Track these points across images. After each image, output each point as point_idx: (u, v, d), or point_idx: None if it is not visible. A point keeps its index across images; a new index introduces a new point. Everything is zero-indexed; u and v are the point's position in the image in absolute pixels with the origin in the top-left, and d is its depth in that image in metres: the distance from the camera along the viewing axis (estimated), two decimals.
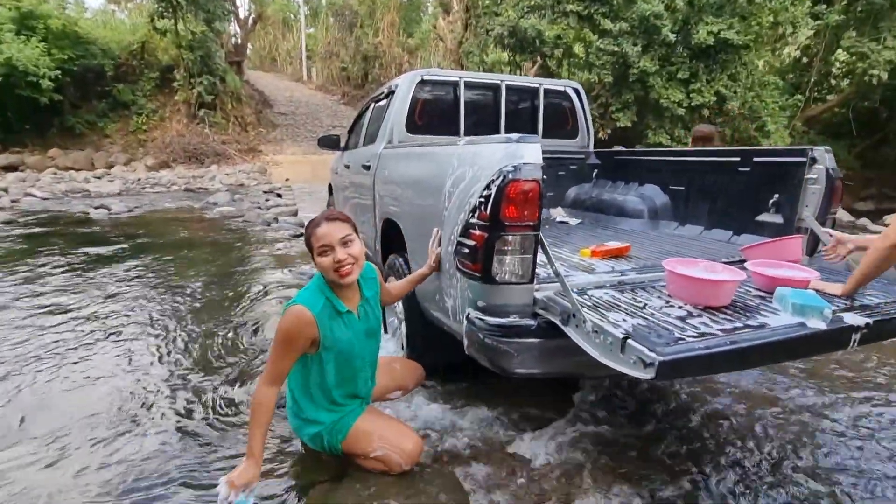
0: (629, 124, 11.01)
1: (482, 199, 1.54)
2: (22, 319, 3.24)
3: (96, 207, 8.13)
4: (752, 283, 1.67)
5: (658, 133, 11.01)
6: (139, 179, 12.01)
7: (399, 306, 2.50)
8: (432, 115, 3.15)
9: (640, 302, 1.52)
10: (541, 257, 1.58)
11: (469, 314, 1.65)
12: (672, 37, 10.02)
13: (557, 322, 1.48)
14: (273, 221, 7.15)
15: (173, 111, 15.20)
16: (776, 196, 2.24)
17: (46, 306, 3.51)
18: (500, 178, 1.49)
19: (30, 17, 12.59)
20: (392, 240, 2.61)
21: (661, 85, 10.51)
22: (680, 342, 1.19)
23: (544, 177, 1.52)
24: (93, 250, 5.26)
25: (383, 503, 1.56)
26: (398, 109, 3.00)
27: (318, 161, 14.47)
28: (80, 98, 14.37)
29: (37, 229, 6.53)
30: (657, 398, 2.32)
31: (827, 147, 2.08)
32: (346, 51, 22.59)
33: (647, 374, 1.12)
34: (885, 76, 10.97)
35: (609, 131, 11.30)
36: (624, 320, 1.35)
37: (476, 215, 1.57)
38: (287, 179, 13.22)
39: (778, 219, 2.24)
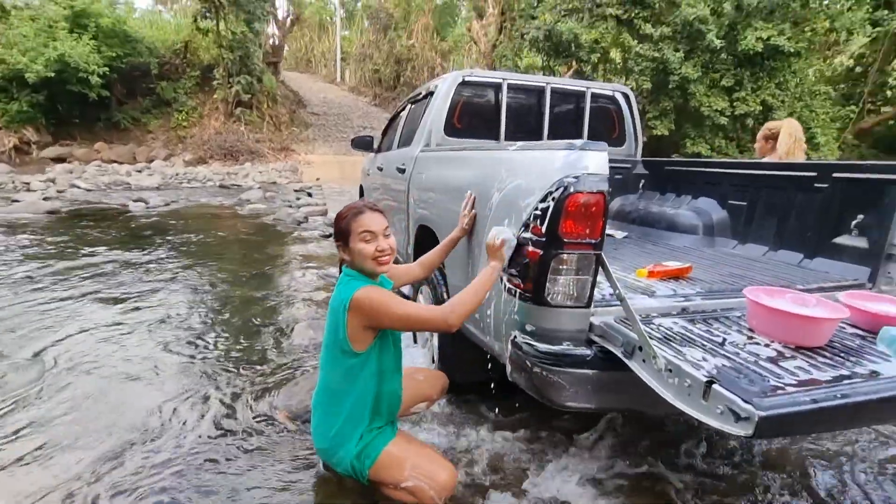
0: (666, 132, 10.60)
1: (538, 212, 1.38)
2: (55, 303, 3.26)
3: (135, 200, 8.34)
4: (848, 320, 1.45)
5: (697, 142, 10.57)
6: (177, 174, 12.32)
7: None
8: (472, 118, 3.00)
9: (718, 336, 1.32)
10: (599, 278, 1.41)
11: (515, 337, 1.49)
12: (717, 42, 9.58)
13: (619, 354, 1.30)
14: (303, 220, 7.15)
15: (212, 109, 15.60)
16: (860, 217, 1.99)
17: (72, 297, 3.52)
18: (560, 189, 1.32)
19: (82, 16, 13.14)
20: (426, 248, 2.47)
21: (702, 92, 10.07)
22: (779, 392, 1.00)
23: (609, 188, 1.35)
24: (126, 243, 5.34)
25: None
26: (437, 111, 2.86)
27: (348, 162, 14.56)
28: (126, 94, 14.93)
29: (77, 220, 6.71)
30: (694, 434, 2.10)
31: None
32: (380, 53, 22.76)
33: (742, 431, 0.93)
34: None
35: (645, 139, 10.93)
36: (704, 359, 1.16)
37: (529, 229, 1.41)
38: (318, 179, 13.33)
39: (862, 242, 1.99)
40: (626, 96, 3.32)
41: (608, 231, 3.06)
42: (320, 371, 1.66)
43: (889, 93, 13.62)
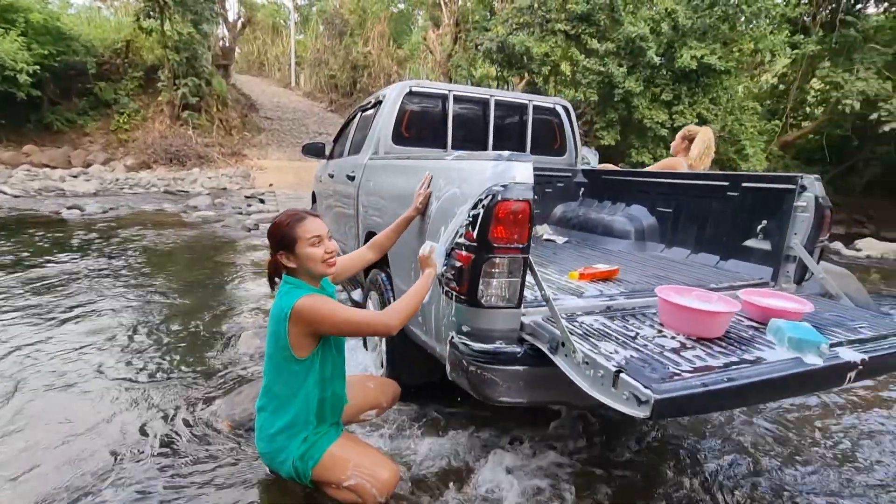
0: (613, 143, 11.16)
1: (469, 219, 1.46)
2: None
3: (69, 207, 7.83)
4: (744, 313, 1.63)
5: (641, 152, 11.19)
6: (117, 180, 11.66)
7: None
8: (420, 127, 3.09)
9: (632, 331, 1.46)
10: (529, 279, 1.51)
11: (452, 338, 1.57)
12: (657, 59, 10.24)
13: (546, 350, 1.40)
14: (254, 228, 6.98)
15: (156, 111, 14.88)
16: (764, 222, 2.23)
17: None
18: (489, 197, 1.42)
19: (9, 10, 12.23)
20: None
21: (644, 105, 10.70)
22: (676, 378, 1.13)
23: (535, 196, 1.46)
24: (58, 254, 5.02)
25: None
26: (385, 120, 2.93)
27: (302, 167, 14.29)
28: (60, 95, 13.98)
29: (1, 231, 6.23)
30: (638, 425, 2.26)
31: (817, 175, 2.07)
32: (336, 59, 22.54)
33: (641, 413, 1.05)
34: (857, 106, 11.39)
35: (594, 148, 11.44)
36: (616, 351, 1.28)
37: (463, 235, 1.49)
38: (271, 185, 13.01)
39: (766, 245, 2.22)
40: (566, 109, 3.51)
41: (550, 236, 3.23)
42: (264, 377, 1.66)
43: (808, 109, 14.98)
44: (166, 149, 13.83)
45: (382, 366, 2.44)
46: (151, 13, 13.71)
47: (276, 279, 1.66)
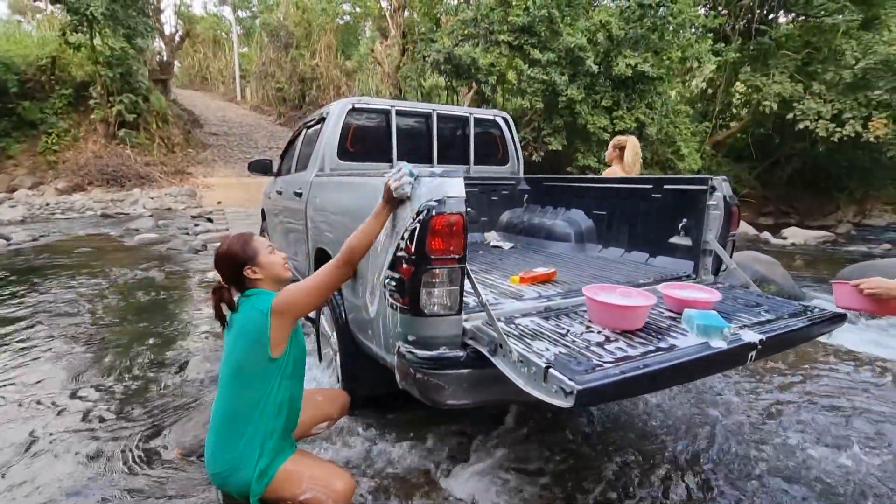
0: (560, 148, 11.62)
1: (408, 233, 1.54)
2: None
3: None
4: (665, 305, 1.79)
5: (587, 156, 11.71)
6: (48, 204, 10.92)
7: (334, 336, 2.43)
8: (365, 143, 3.15)
9: (563, 329, 1.58)
10: (468, 286, 1.60)
11: (399, 348, 1.63)
12: (595, 68, 10.78)
13: (485, 352, 1.50)
14: (202, 248, 6.75)
15: (89, 131, 14.06)
16: (684, 220, 2.44)
17: None
18: (425, 211, 1.50)
19: None
20: None
21: (587, 112, 11.23)
22: (598, 369, 1.25)
23: (469, 209, 1.56)
24: None
25: None
26: (329, 136, 2.97)
27: (252, 183, 13.89)
28: None
29: None
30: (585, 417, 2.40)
31: (724, 176, 2.30)
32: (282, 71, 22.16)
33: (567, 403, 1.16)
34: (775, 107, 12.47)
35: (542, 154, 11.88)
36: (547, 349, 1.39)
37: (403, 248, 1.57)
38: (219, 203, 12.57)
39: (687, 241, 2.44)
40: (506, 120, 3.68)
41: (497, 243, 3.36)
42: (217, 398, 1.66)
43: (734, 111, 16.22)
44: (102, 169, 13.08)
45: (338, 380, 2.46)
46: (79, 27, 12.98)
47: (224, 311, 1.67)
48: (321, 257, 2.63)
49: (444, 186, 1.52)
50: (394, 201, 1.60)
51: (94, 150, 13.69)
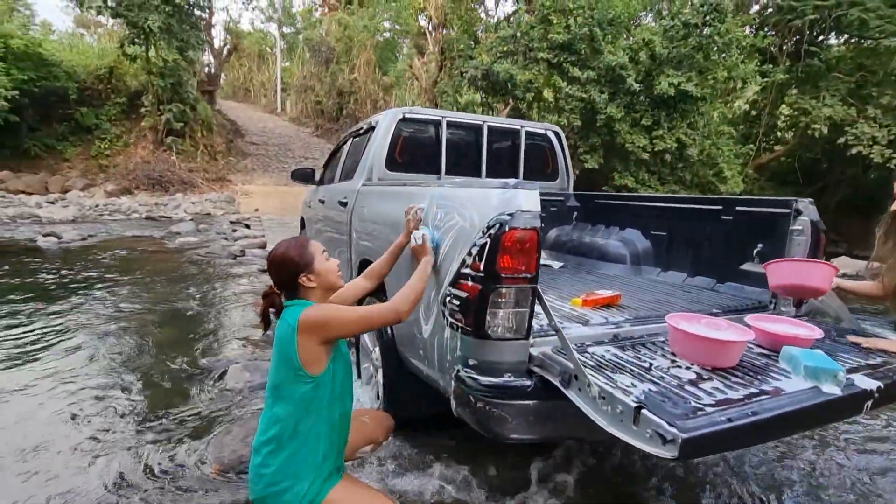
0: (596, 166, 11.39)
1: (475, 249, 1.42)
2: None
3: (45, 234, 7.57)
4: (753, 340, 1.60)
5: (623, 175, 11.43)
6: (97, 206, 11.40)
7: (376, 352, 2.32)
8: (413, 153, 3.07)
9: (645, 361, 1.41)
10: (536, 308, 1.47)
11: (459, 372, 1.50)
12: (636, 86, 10.57)
13: (557, 384, 1.35)
14: (240, 254, 6.83)
15: (139, 137, 14.74)
16: (759, 245, 2.24)
17: None
18: (497, 226, 1.38)
19: None
20: None
21: (626, 130, 10.99)
22: (700, 413, 1.08)
23: (542, 225, 1.43)
24: (32, 282, 4.81)
25: None
26: (378, 146, 2.91)
27: (288, 192, 14.22)
28: (39, 120, 13.77)
29: None
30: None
31: (811, 199, 2.10)
32: (322, 85, 22.80)
33: (667, 453, 1.00)
34: (825, 130, 11.90)
35: (577, 172, 11.66)
36: (633, 385, 1.23)
37: (469, 265, 1.45)
38: (256, 210, 12.86)
39: (761, 269, 2.23)
40: (557, 134, 3.55)
41: (546, 261, 3.21)
42: (265, 411, 1.56)
43: (779, 133, 15.60)
44: (149, 174, 13.65)
45: (378, 398, 2.34)
46: (136, 40, 13.72)
47: (272, 317, 1.59)
48: (365, 267, 2.55)
49: (518, 199, 1.40)
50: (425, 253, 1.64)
51: (143, 155, 14.32)
